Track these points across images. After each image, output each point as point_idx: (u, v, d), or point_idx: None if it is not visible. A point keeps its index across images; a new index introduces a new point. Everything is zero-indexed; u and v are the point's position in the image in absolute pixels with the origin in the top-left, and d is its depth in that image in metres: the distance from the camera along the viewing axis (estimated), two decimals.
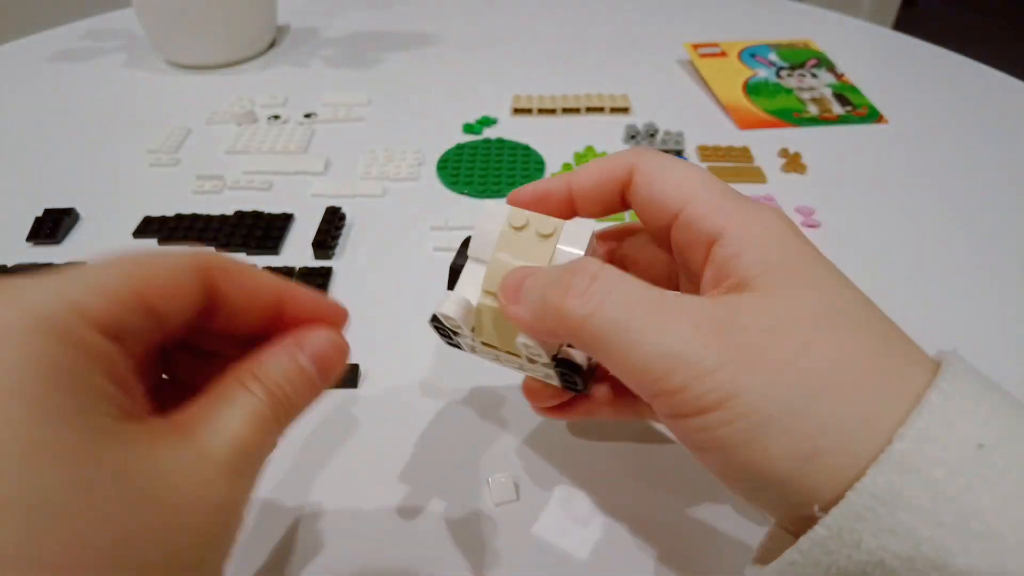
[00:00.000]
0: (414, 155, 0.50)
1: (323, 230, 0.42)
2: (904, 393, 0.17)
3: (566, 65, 0.63)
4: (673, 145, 0.50)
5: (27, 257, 0.41)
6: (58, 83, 0.61)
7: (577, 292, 0.19)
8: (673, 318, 0.18)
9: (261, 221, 0.43)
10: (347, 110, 0.56)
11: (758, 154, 0.50)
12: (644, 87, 0.59)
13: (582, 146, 0.51)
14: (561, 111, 0.55)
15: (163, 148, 0.51)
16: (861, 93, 0.58)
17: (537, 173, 0.48)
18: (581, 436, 0.31)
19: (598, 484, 0.29)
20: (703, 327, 0.18)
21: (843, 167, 0.49)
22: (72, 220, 0.44)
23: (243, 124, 0.54)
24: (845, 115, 0.55)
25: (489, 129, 0.54)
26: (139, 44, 0.66)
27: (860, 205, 0.45)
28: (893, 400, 0.17)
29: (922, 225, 0.43)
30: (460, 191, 0.47)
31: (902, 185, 0.47)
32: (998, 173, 0.48)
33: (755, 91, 0.58)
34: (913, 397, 0.17)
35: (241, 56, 0.64)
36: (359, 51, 0.66)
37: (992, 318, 0.37)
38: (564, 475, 0.29)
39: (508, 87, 0.59)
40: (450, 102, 0.57)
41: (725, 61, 0.62)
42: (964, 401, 0.16)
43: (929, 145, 0.51)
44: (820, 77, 0.60)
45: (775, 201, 0.45)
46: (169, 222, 0.43)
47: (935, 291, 0.39)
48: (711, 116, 0.55)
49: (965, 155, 0.50)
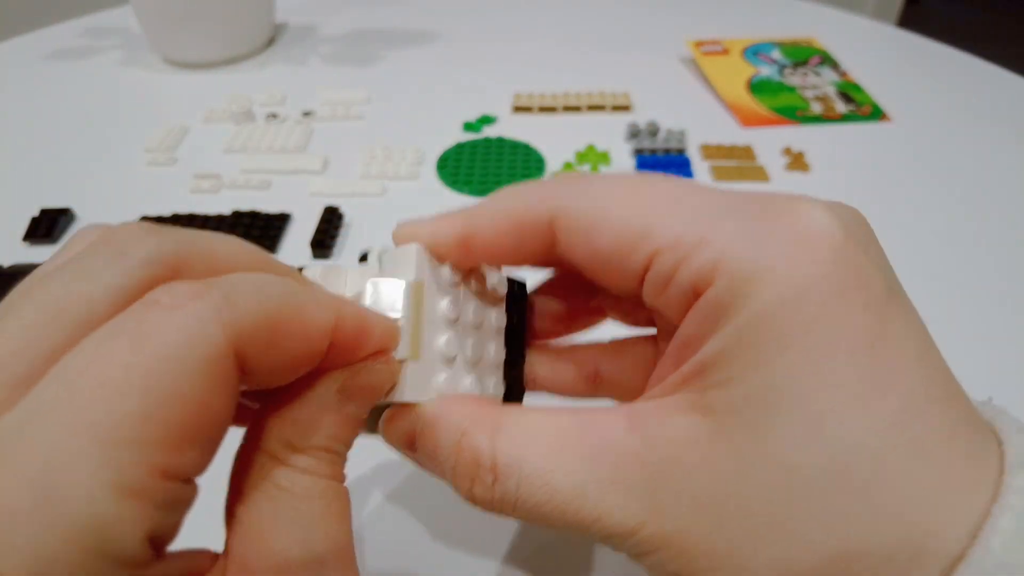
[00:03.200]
0: (414, 154, 0.49)
1: (322, 229, 0.41)
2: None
3: (567, 63, 0.63)
4: (675, 143, 0.50)
5: (23, 257, 0.41)
6: (54, 81, 0.60)
7: (483, 504, 0.15)
8: (599, 483, 0.14)
9: (259, 220, 0.43)
10: (346, 108, 0.55)
11: (761, 152, 0.50)
12: (646, 85, 0.58)
13: (583, 145, 0.50)
14: (562, 109, 0.55)
15: (160, 147, 0.50)
16: (865, 91, 0.57)
17: (537, 172, 0.47)
18: None
19: None
20: (628, 486, 0.14)
21: (847, 165, 0.48)
22: (68, 220, 0.43)
23: (241, 123, 0.54)
24: (849, 113, 0.54)
25: (489, 127, 0.53)
26: (136, 42, 0.66)
27: (864, 204, 0.44)
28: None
29: (927, 223, 0.43)
30: (460, 190, 0.46)
31: (907, 183, 0.47)
32: (1003, 171, 0.47)
33: (758, 89, 0.57)
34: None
35: (239, 54, 0.63)
36: (358, 49, 0.65)
37: (997, 316, 0.36)
38: None
39: (509, 85, 0.58)
40: (450, 100, 0.57)
41: (728, 59, 0.61)
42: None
43: (934, 143, 0.51)
44: (824, 75, 0.59)
45: None
46: (166, 221, 0.43)
47: (940, 289, 0.38)
48: (714, 114, 0.55)
49: (970, 153, 0.49)
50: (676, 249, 0.14)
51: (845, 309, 0.13)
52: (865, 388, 0.13)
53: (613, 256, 0.15)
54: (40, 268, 0.13)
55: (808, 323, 0.13)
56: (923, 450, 0.12)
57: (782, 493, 0.13)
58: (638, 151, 0.49)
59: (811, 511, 0.12)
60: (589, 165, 0.48)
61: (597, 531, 0.14)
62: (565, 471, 0.14)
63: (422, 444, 0.16)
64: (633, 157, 0.49)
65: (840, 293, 0.13)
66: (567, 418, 0.15)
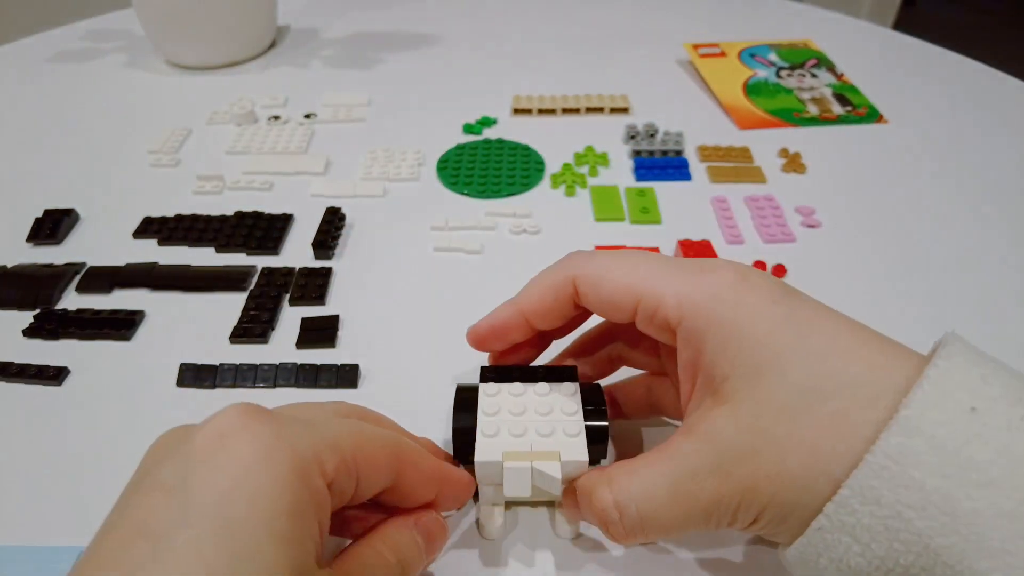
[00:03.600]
0: (414, 155, 0.50)
1: (323, 230, 0.42)
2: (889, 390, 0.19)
3: (566, 65, 0.63)
4: (673, 145, 0.50)
5: (27, 258, 0.41)
6: (58, 84, 0.61)
7: (625, 537, 0.22)
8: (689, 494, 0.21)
9: (261, 221, 0.43)
10: (347, 110, 0.56)
11: (758, 154, 0.50)
12: (644, 87, 0.59)
13: (582, 146, 0.51)
14: (561, 111, 0.55)
15: (163, 148, 0.51)
16: (861, 93, 0.58)
17: (537, 173, 0.48)
18: None
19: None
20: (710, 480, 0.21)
21: (843, 167, 0.49)
22: (72, 220, 0.44)
23: (243, 125, 0.54)
24: (845, 115, 0.55)
25: (489, 129, 0.54)
26: (139, 44, 0.66)
27: (860, 205, 0.45)
28: (880, 402, 0.19)
29: (922, 225, 0.43)
30: (460, 191, 0.47)
31: (902, 185, 0.47)
32: (998, 173, 0.48)
33: (755, 91, 0.58)
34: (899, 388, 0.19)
35: (241, 56, 0.64)
36: (359, 51, 0.66)
37: (992, 317, 0.37)
38: None
39: (508, 87, 0.59)
40: (450, 102, 0.57)
41: (725, 61, 0.62)
42: (958, 373, 0.19)
43: (929, 145, 0.51)
44: (820, 77, 0.60)
45: (775, 200, 0.45)
46: (169, 222, 0.43)
47: (935, 290, 0.39)
48: (711, 116, 0.55)
49: (965, 155, 0.50)
50: (652, 296, 0.23)
51: (757, 305, 0.21)
52: (796, 338, 0.21)
53: (614, 301, 0.24)
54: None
55: (745, 321, 0.21)
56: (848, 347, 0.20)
57: (782, 415, 0.20)
58: (636, 153, 0.50)
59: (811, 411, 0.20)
60: (588, 166, 0.49)
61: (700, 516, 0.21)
62: (660, 485, 0.21)
63: (583, 507, 0.24)
64: (631, 159, 0.50)
65: (747, 299, 0.21)
66: (651, 454, 0.23)
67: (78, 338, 0.36)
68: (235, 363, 0.34)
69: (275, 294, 0.38)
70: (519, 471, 0.24)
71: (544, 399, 0.26)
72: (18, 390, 0.33)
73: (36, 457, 0.30)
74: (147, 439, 0.21)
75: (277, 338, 0.36)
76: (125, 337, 0.36)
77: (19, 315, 0.37)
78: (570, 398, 0.26)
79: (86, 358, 0.35)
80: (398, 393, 0.33)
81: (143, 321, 0.37)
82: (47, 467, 0.30)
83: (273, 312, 0.37)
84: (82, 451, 0.30)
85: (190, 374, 0.33)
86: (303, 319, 0.36)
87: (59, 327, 0.36)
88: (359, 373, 0.33)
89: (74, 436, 0.31)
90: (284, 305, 0.38)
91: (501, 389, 0.26)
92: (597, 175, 0.48)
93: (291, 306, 0.38)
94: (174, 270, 0.40)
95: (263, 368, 0.33)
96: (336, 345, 0.35)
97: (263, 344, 0.36)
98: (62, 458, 0.30)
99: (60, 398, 0.33)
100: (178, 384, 0.33)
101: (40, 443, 0.31)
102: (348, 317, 0.37)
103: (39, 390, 0.33)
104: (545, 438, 0.25)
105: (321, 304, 0.38)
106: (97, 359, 0.35)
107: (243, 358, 0.34)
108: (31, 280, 0.39)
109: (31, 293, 0.38)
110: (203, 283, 0.39)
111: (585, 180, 0.47)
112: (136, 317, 0.37)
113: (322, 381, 0.33)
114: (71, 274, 0.40)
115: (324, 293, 0.38)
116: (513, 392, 0.26)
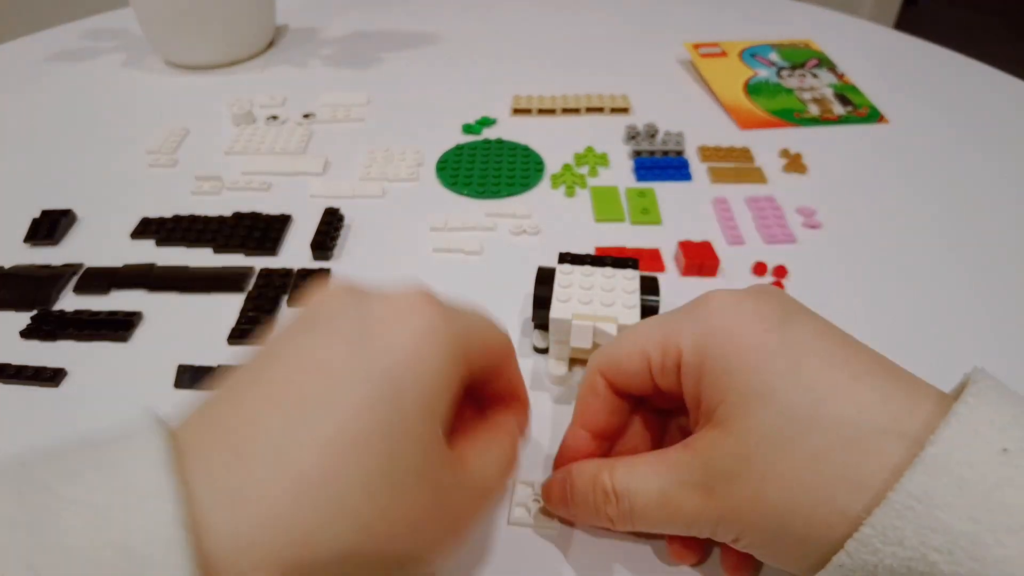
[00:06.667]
0: (413, 156, 0.50)
1: (322, 231, 0.42)
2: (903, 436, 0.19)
3: (566, 65, 0.63)
4: (673, 145, 0.50)
5: (25, 258, 0.41)
6: (56, 83, 0.61)
7: (614, 520, 0.23)
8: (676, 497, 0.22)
9: (259, 222, 0.43)
10: (346, 111, 0.55)
11: (759, 154, 0.50)
12: (644, 87, 0.58)
13: (582, 146, 0.51)
14: (561, 111, 0.55)
15: (161, 149, 0.51)
16: (862, 93, 0.57)
17: (537, 174, 0.48)
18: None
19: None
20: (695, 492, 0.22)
21: (844, 167, 0.49)
22: (70, 221, 0.44)
23: (241, 125, 0.54)
24: (846, 115, 0.55)
25: (488, 129, 0.54)
26: (137, 44, 0.66)
27: (861, 205, 0.45)
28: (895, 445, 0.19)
29: (923, 225, 0.43)
30: (460, 192, 0.46)
31: (903, 185, 0.47)
32: (999, 173, 0.48)
33: (756, 91, 0.58)
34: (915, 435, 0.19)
35: (239, 56, 0.63)
36: (358, 51, 0.66)
37: (993, 319, 0.37)
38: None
39: (508, 87, 0.58)
40: (449, 102, 0.57)
41: (725, 61, 0.61)
42: (988, 411, 0.18)
43: (930, 145, 0.51)
44: (821, 77, 0.60)
45: (776, 201, 0.45)
46: (167, 223, 0.43)
47: (936, 291, 0.38)
48: (712, 116, 0.55)
49: (966, 155, 0.50)
50: (657, 350, 0.24)
51: (748, 335, 0.22)
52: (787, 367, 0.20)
53: (632, 371, 0.25)
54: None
55: (735, 351, 0.21)
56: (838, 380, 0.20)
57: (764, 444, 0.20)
58: (636, 153, 0.50)
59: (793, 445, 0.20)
60: (588, 167, 0.48)
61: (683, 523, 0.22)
62: (654, 484, 0.22)
63: (572, 493, 0.25)
64: (631, 159, 0.49)
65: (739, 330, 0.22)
66: (651, 456, 0.24)
67: (75, 339, 0.36)
68: (233, 365, 0.34)
69: (273, 295, 0.38)
70: (583, 328, 0.30)
71: (609, 280, 0.32)
72: (15, 391, 0.33)
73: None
74: None
75: None
76: (123, 338, 0.36)
77: (16, 316, 0.37)
78: (630, 280, 0.32)
79: (83, 359, 0.35)
80: None
81: (141, 322, 0.37)
82: None
83: (272, 313, 0.37)
84: None
85: (188, 375, 0.33)
86: None
87: (56, 328, 0.36)
88: None
89: (72, 437, 0.31)
90: (283, 306, 0.38)
91: (575, 270, 0.32)
92: (597, 175, 0.48)
93: (289, 307, 0.38)
94: (172, 271, 0.40)
95: None
96: None
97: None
98: None
99: (57, 399, 0.33)
100: (176, 385, 0.33)
101: (37, 444, 0.31)
102: None
103: (36, 391, 0.33)
104: (607, 307, 0.31)
105: None
106: (95, 360, 0.35)
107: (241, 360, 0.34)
108: (28, 281, 0.39)
109: (28, 294, 0.38)
110: (201, 284, 0.39)
111: (585, 180, 0.47)
112: (134, 318, 0.36)
113: None
114: (69, 275, 0.39)
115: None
116: (584, 272, 0.32)
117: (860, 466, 0.19)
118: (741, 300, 0.23)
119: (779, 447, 0.20)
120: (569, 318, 0.30)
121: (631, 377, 0.25)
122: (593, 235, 0.42)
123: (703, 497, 0.21)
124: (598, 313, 0.30)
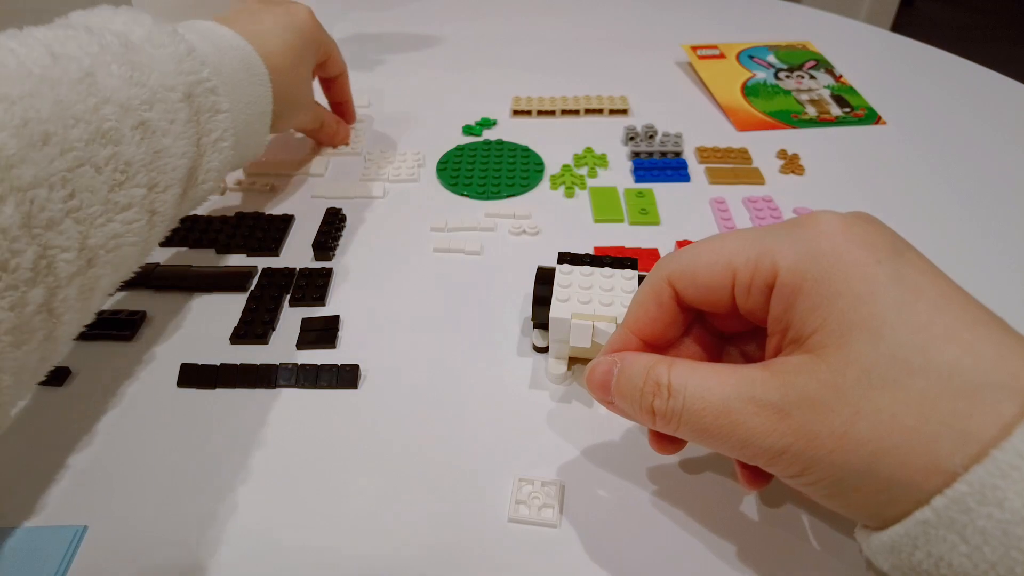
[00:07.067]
0: (414, 156, 0.50)
1: (323, 231, 0.42)
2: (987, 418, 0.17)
3: (565, 67, 0.63)
4: (672, 146, 0.50)
5: None
6: None
7: (659, 415, 0.22)
8: (740, 412, 0.21)
9: (262, 222, 0.43)
10: None
11: (756, 155, 0.50)
12: (643, 89, 0.59)
13: (581, 148, 0.51)
14: (560, 113, 0.56)
15: None
16: (859, 95, 0.58)
17: (536, 175, 0.48)
18: (582, 441, 0.31)
19: (609, 488, 0.29)
20: (765, 412, 0.20)
21: (841, 169, 0.49)
22: None
23: None
24: (843, 117, 0.55)
25: (489, 131, 0.54)
26: None
27: (858, 206, 0.45)
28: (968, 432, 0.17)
29: (921, 227, 0.43)
30: (460, 192, 0.47)
31: (900, 187, 0.47)
32: (997, 174, 0.48)
33: (753, 93, 0.58)
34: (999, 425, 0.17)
35: None
36: (359, 53, 0.66)
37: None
38: (567, 479, 0.29)
39: (507, 89, 0.59)
40: (450, 104, 0.58)
41: (723, 63, 0.62)
42: None
43: (927, 147, 0.51)
44: (818, 79, 0.60)
45: (774, 201, 0.45)
46: None
47: None
48: (710, 118, 0.56)
49: (963, 156, 0.50)
50: (747, 265, 0.22)
51: (858, 263, 0.20)
52: (897, 303, 0.19)
53: (711, 285, 0.23)
54: None
55: (843, 278, 0.20)
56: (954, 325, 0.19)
57: (865, 378, 0.19)
58: (635, 154, 0.50)
59: (896, 385, 0.18)
60: (587, 168, 0.49)
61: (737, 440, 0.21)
62: (716, 390, 0.21)
63: (619, 380, 0.24)
64: (630, 160, 0.50)
65: (849, 256, 0.20)
66: (719, 365, 0.22)
67: (80, 338, 0.36)
68: (236, 363, 0.34)
69: (275, 295, 0.38)
70: (583, 327, 0.31)
71: (608, 279, 0.32)
72: None
73: (38, 458, 0.30)
74: (148, 439, 0.21)
75: (277, 339, 0.36)
76: (127, 337, 0.36)
77: None
78: (629, 281, 0.32)
79: (88, 358, 0.35)
80: (398, 393, 0.33)
81: (144, 322, 0.37)
82: (49, 468, 0.30)
83: (273, 313, 0.37)
84: (84, 451, 0.31)
85: (191, 374, 0.34)
86: (303, 320, 0.37)
87: None
88: (359, 373, 0.34)
89: (76, 436, 0.31)
90: (284, 306, 0.38)
91: (574, 270, 0.33)
92: (596, 176, 0.48)
93: (291, 307, 0.38)
94: (175, 271, 0.40)
95: (263, 368, 0.34)
96: (336, 345, 0.36)
97: (263, 345, 0.36)
98: (64, 458, 0.30)
99: (62, 399, 0.33)
100: (179, 384, 0.33)
101: (42, 444, 0.31)
102: (348, 318, 0.37)
103: (41, 391, 0.33)
104: (606, 307, 0.31)
105: (321, 305, 0.38)
106: (99, 359, 0.35)
107: (244, 358, 0.35)
108: None
109: None
110: (204, 284, 0.39)
111: (584, 181, 0.48)
112: (137, 317, 0.37)
113: (322, 381, 0.33)
114: None
115: (324, 294, 0.38)
116: (583, 272, 0.33)
117: (970, 417, 0.17)
118: (851, 225, 0.21)
119: (880, 384, 0.18)
120: (568, 317, 0.31)
121: (707, 291, 0.23)
122: (592, 235, 0.43)
123: (774, 419, 0.20)
124: (597, 313, 0.31)
